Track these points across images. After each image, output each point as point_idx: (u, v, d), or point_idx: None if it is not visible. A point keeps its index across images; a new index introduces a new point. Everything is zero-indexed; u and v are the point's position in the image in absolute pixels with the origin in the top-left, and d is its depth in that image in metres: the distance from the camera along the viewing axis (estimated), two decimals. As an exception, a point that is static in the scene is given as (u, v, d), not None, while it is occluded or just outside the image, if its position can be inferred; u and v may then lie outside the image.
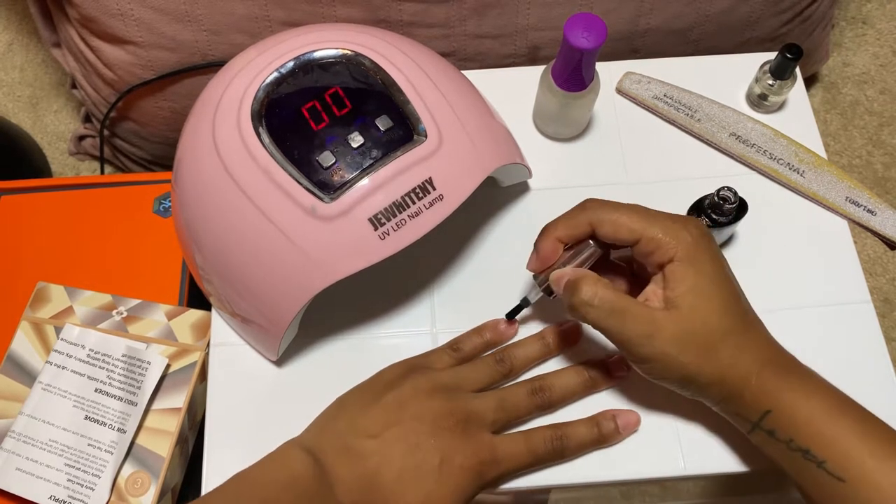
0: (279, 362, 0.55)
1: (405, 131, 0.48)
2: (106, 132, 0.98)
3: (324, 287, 0.48)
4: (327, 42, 0.50)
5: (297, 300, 0.48)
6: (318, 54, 0.50)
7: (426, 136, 0.48)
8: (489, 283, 0.58)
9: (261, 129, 0.47)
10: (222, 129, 0.48)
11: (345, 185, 0.47)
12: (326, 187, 0.47)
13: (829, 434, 0.44)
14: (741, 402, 0.46)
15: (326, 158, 0.47)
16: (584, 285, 0.47)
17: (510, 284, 0.57)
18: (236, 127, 0.48)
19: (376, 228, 0.46)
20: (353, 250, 0.46)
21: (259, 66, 0.49)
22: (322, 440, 0.48)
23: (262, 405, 0.54)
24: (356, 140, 0.48)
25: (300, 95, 0.48)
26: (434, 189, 0.47)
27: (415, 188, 0.47)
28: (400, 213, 0.47)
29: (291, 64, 0.49)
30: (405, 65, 0.50)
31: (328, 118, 0.48)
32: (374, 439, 0.47)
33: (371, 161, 0.47)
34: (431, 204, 0.47)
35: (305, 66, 0.49)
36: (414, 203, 0.47)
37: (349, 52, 0.50)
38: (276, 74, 0.49)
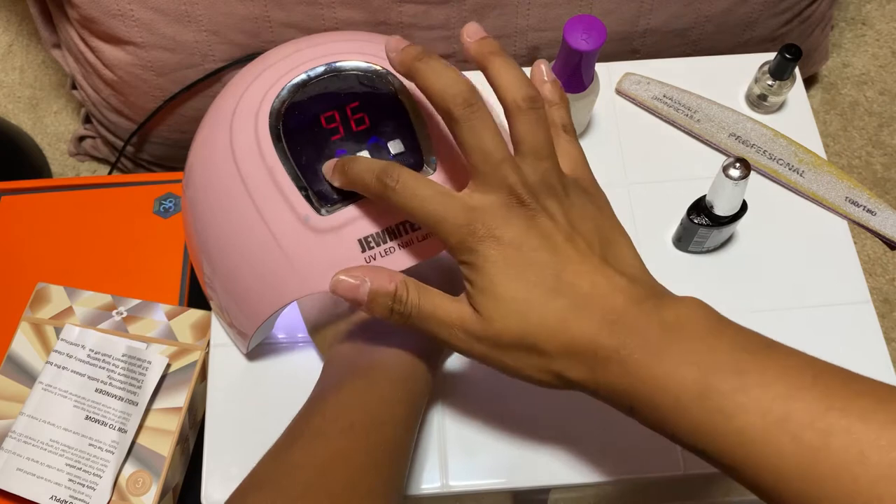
0: (280, 362, 0.55)
1: (416, 160, 0.47)
2: (107, 133, 0.98)
3: (300, 297, 0.47)
4: (363, 54, 0.49)
5: (271, 304, 0.48)
6: (349, 64, 0.48)
7: (435, 170, 0.47)
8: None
9: (278, 127, 0.46)
10: (240, 117, 0.47)
11: (342, 201, 0.46)
12: (324, 199, 0.46)
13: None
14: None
15: None
16: None
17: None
18: (253, 119, 0.46)
19: (364, 251, 0.45)
20: (336, 267, 0.44)
21: (291, 65, 0.48)
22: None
23: (262, 405, 0.54)
24: None
25: (323, 101, 0.47)
26: None
27: None
28: (391, 239, 0.45)
29: (322, 69, 0.48)
30: None
31: (344, 131, 0.47)
32: None
33: None
34: (424, 237, 0.46)
35: (335, 74, 0.48)
36: (407, 233, 0.46)
37: (381, 70, 0.48)
38: (304, 76, 0.47)
